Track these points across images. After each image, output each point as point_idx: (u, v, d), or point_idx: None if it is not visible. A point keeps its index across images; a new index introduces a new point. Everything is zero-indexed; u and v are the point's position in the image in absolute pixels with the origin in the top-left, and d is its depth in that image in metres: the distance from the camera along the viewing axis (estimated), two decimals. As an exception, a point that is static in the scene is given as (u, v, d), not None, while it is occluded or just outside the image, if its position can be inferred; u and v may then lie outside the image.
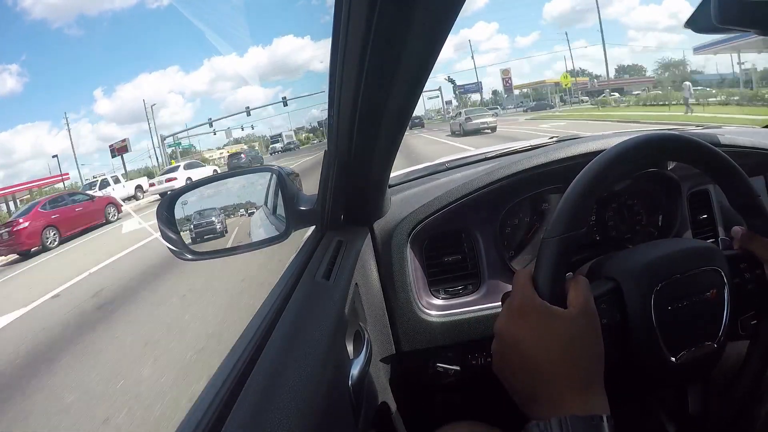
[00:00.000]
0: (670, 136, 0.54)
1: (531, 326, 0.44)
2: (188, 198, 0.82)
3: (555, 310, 0.44)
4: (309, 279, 0.60)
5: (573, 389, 0.42)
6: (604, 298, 0.52)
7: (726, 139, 0.90)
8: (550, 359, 0.43)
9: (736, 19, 0.52)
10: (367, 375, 0.55)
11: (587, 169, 0.50)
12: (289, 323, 0.49)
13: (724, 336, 0.53)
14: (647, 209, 0.92)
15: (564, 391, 0.42)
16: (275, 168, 0.83)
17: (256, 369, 0.41)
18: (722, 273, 0.54)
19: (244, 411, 0.35)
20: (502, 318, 0.47)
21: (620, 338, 0.52)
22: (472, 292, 0.82)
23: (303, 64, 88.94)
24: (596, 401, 0.42)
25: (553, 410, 0.41)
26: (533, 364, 0.43)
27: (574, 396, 0.41)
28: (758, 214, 0.55)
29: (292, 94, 67.12)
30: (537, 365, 0.43)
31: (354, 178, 0.67)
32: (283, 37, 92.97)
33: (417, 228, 0.79)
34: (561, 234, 0.47)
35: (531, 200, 0.87)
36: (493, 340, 0.48)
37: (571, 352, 0.43)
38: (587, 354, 0.43)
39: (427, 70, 0.42)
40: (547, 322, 0.44)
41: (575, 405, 0.40)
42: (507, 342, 0.46)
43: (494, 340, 0.48)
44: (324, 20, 4.49)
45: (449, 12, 0.35)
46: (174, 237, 0.76)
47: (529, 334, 0.44)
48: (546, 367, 0.43)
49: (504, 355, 0.46)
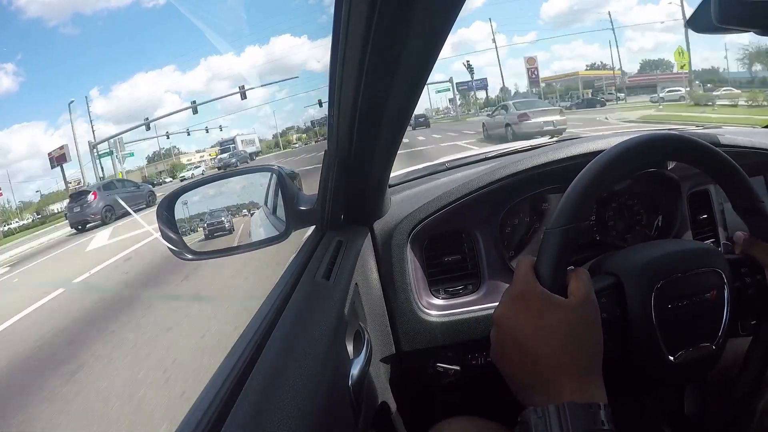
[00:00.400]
0: (671, 137, 0.54)
1: (531, 314, 0.44)
2: (188, 198, 0.82)
3: (556, 299, 0.44)
4: (309, 279, 0.60)
5: (571, 377, 0.42)
6: (605, 293, 0.52)
7: (726, 139, 0.90)
8: (549, 347, 0.43)
9: (736, 19, 0.52)
10: (367, 375, 0.55)
11: (588, 167, 0.50)
12: (289, 323, 0.49)
13: (723, 338, 0.53)
14: (647, 209, 0.92)
15: (562, 379, 0.42)
16: (275, 168, 0.83)
17: (256, 369, 0.41)
18: (723, 275, 0.54)
19: (244, 411, 0.35)
20: (502, 305, 0.47)
21: (619, 334, 0.52)
22: (472, 292, 0.82)
23: (302, 64, 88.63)
24: (594, 390, 0.42)
25: (551, 398, 0.41)
26: (532, 351, 0.43)
27: (572, 384, 0.41)
28: (761, 218, 0.55)
29: (289, 93, 66.53)
30: (536, 352, 0.43)
31: (354, 178, 0.67)
32: (281, 36, 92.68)
33: (417, 228, 0.79)
34: (564, 225, 0.47)
35: (531, 200, 0.87)
36: (492, 328, 0.48)
37: (570, 341, 0.43)
38: (586, 343, 0.43)
39: (427, 70, 0.42)
40: (548, 310, 0.44)
41: (573, 393, 0.40)
42: (506, 329, 0.46)
43: (493, 327, 0.48)
44: (323, 20, 4.41)
45: (449, 12, 0.35)
46: (174, 237, 0.76)
47: (529, 322, 0.44)
48: (545, 355, 0.43)
49: (503, 343, 0.46)
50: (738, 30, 0.55)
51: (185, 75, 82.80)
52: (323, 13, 73.85)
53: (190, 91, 78.88)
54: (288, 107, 64.31)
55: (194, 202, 0.86)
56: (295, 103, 58.52)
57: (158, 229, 0.76)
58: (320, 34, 77.14)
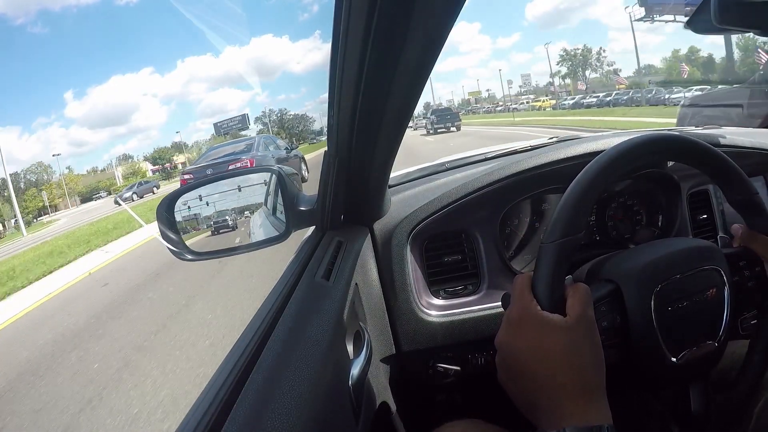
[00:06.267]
0: (668, 137, 0.54)
1: (528, 337, 0.45)
2: (188, 198, 0.82)
3: (551, 320, 0.44)
4: (309, 279, 0.60)
5: (572, 399, 0.41)
6: (604, 301, 0.52)
7: (726, 140, 0.90)
8: (549, 370, 0.43)
9: (736, 20, 0.52)
10: (367, 375, 0.55)
11: (586, 170, 0.50)
12: (289, 323, 0.49)
13: (725, 335, 0.53)
14: (647, 209, 0.92)
15: (563, 402, 0.42)
16: (275, 168, 0.83)
17: (256, 369, 0.41)
18: (722, 272, 0.54)
19: (244, 411, 0.35)
20: (501, 330, 0.48)
21: (621, 340, 0.52)
22: (472, 293, 0.82)
23: (305, 64, 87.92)
24: (596, 411, 0.41)
25: (553, 421, 0.41)
26: (532, 374, 0.44)
27: (573, 406, 0.41)
28: (757, 211, 0.55)
29: (269, 96, 65.73)
30: (535, 376, 0.43)
31: (354, 178, 0.67)
32: (282, 37, 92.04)
33: (417, 228, 0.79)
34: (559, 239, 0.47)
35: (531, 200, 0.87)
36: (496, 353, 0.48)
37: (568, 362, 0.43)
38: (585, 363, 0.43)
39: (427, 70, 0.42)
40: (544, 332, 0.44)
41: (574, 415, 0.40)
42: (507, 354, 0.46)
43: (497, 353, 0.48)
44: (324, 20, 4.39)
45: (449, 12, 0.35)
46: (174, 237, 0.76)
47: (526, 346, 0.44)
48: (544, 378, 0.43)
49: (506, 368, 0.47)
50: (738, 30, 0.55)
51: (164, 77, 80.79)
52: (323, 13, 73.70)
53: (167, 95, 77.51)
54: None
55: (196, 203, 0.85)
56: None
57: (158, 230, 0.76)
58: (320, 34, 76.88)
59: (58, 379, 2.85)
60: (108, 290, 5.14)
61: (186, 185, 0.83)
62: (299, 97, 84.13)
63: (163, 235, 0.75)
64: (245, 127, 44.63)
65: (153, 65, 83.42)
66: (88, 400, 2.42)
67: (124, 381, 2.57)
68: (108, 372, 2.75)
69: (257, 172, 0.97)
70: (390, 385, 0.74)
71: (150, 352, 2.94)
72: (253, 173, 1.03)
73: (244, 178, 0.96)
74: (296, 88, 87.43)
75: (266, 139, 10.64)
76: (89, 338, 3.53)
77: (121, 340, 3.31)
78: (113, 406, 2.31)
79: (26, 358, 3.38)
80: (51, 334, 3.88)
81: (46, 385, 2.81)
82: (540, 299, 0.46)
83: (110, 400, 2.38)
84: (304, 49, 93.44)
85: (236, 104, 71.94)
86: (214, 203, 0.91)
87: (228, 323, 3.06)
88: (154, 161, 49.58)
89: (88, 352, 3.23)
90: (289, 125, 51.09)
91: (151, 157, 50.10)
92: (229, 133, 42.83)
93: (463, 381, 0.81)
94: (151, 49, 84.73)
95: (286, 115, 52.45)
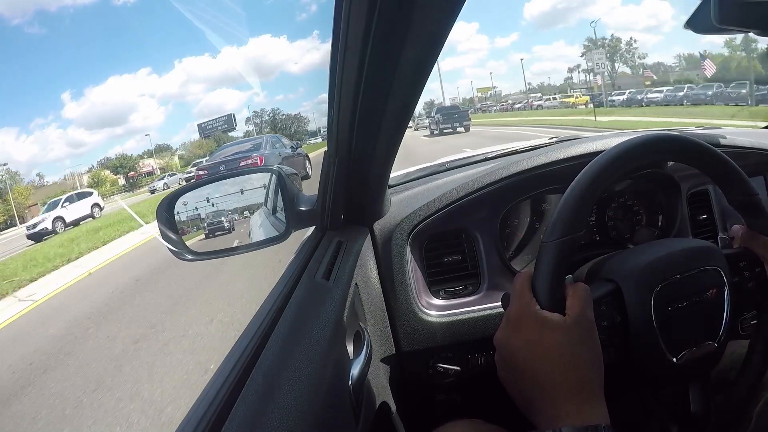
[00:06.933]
0: (668, 137, 0.54)
1: (527, 336, 0.45)
2: (188, 198, 0.82)
3: (550, 319, 0.44)
4: (309, 279, 0.60)
5: (569, 399, 0.42)
6: (604, 300, 0.52)
7: (726, 140, 0.90)
8: (546, 369, 0.43)
9: (735, 20, 0.52)
10: (367, 375, 0.55)
11: (586, 170, 0.50)
12: (289, 323, 0.49)
13: (725, 335, 0.53)
14: (647, 209, 0.92)
15: (560, 401, 0.42)
16: (275, 168, 0.83)
17: (256, 369, 0.41)
18: (722, 272, 0.54)
19: (244, 411, 0.35)
20: (501, 328, 0.48)
21: (621, 340, 0.52)
22: (472, 293, 0.82)
23: (302, 64, 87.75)
24: (593, 410, 0.42)
25: (550, 421, 0.41)
26: (530, 374, 0.44)
27: (570, 406, 0.41)
28: (757, 212, 0.55)
29: (267, 96, 65.22)
30: (533, 375, 0.43)
31: (354, 178, 0.67)
32: (280, 37, 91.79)
33: (417, 228, 0.79)
34: (559, 237, 0.47)
35: (531, 201, 0.87)
36: (495, 352, 0.48)
37: (567, 362, 0.43)
38: (583, 363, 0.43)
39: (427, 70, 0.42)
40: (543, 332, 0.44)
41: (571, 415, 0.40)
42: (506, 353, 0.46)
43: (496, 352, 0.48)
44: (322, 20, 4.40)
45: (449, 12, 0.35)
46: (174, 237, 0.76)
47: (525, 344, 0.44)
48: (542, 377, 0.43)
49: (505, 366, 0.47)
50: (738, 30, 0.55)
51: (161, 78, 79.65)
52: (322, 13, 73.65)
53: (165, 95, 76.70)
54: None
55: (195, 203, 0.85)
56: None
57: (158, 230, 0.76)
58: (319, 34, 76.95)
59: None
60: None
61: (186, 185, 0.83)
62: (297, 97, 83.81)
63: (162, 235, 0.75)
64: (231, 128, 41.76)
65: (150, 65, 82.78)
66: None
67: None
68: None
69: (257, 172, 0.97)
70: (390, 385, 0.74)
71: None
72: (252, 173, 1.03)
73: (245, 178, 0.96)
74: (294, 87, 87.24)
75: (273, 138, 11.85)
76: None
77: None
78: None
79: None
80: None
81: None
82: (540, 298, 0.46)
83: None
84: (302, 49, 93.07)
85: (234, 105, 71.47)
86: (213, 203, 0.91)
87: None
88: (114, 169, 41.03)
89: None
90: (282, 126, 49.37)
91: (111, 165, 41.63)
92: (212, 135, 39.88)
93: (463, 381, 0.81)
94: (148, 49, 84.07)
95: (279, 116, 51.18)
